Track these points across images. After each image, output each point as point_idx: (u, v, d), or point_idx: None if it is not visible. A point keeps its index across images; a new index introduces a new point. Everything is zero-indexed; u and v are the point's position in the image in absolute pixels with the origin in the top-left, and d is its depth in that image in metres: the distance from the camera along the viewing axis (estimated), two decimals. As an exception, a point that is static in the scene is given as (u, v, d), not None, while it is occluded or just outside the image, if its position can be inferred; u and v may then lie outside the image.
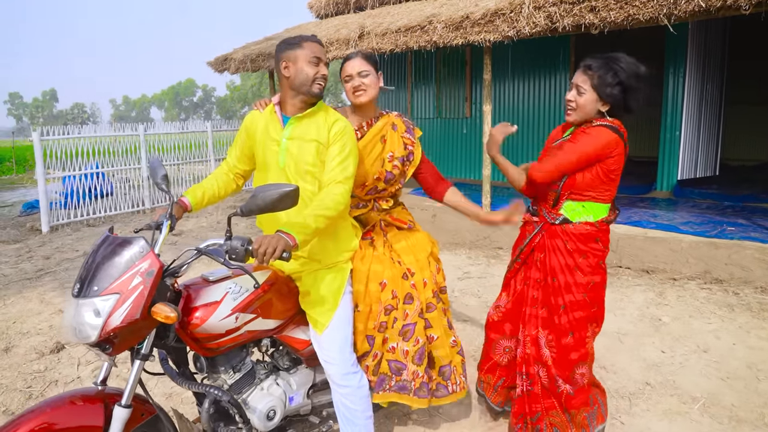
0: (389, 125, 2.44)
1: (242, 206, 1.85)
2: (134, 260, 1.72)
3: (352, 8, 9.89)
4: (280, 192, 1.80)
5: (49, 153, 8.12)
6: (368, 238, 2.46)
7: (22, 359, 3.71)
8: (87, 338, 1.67)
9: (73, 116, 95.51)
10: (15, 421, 1.64)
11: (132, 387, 1.80)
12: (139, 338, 1.79)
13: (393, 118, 2.48)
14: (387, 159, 2.40)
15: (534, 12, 5.72)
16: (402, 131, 2.47)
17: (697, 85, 7.43)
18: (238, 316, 2.00)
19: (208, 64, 9.87)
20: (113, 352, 1.72)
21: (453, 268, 5.43)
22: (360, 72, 2.33)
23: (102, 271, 1.71)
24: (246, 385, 2.18)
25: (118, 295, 1.67)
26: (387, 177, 2.40)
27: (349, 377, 2.20)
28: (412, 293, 2.35)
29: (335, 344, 2.19)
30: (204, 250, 1.90)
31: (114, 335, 1.67)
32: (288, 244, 1.83)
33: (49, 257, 6.52)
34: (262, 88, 72.44)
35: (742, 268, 4.87)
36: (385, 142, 2.42)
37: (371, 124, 2.43)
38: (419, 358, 2.32)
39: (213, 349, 2.02)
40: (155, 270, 1.72)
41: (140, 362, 1.82)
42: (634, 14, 5.14)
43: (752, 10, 4.50)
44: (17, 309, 4.72)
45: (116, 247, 1.76)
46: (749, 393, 3.00)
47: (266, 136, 2.21)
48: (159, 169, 2.14)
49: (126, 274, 1.70)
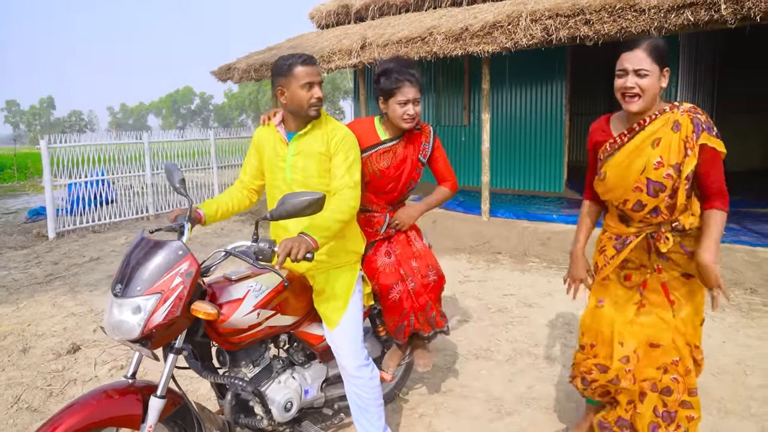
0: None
1: (272, 211, 2.01)
2: (175, 261, 1.86)
3: (352, 19, 10.09)
4: (309, 199, 1.96)
5: (56, 161, 8.26)
6: None
7: (40, 359, 3.85)
8: (130, 335, 1.80)
9: (71, 124, 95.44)
10: (64, 411, 1.78)
11: (167, 379, 1.94)
12: (176, 334, 1.93)
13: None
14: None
15: (531, 24, 5.93)
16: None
17: (688, 94, 7.64)
18: (259, 312, 2.15)
19: (212, 74, 10.05)
20: (153, 347, 1.86)
21: (454, 272, 5.59)
22: (637, 71, 2.00)
23: (142, 272, 1.84)
24: (264, 379, 2.33)
25: (160, 294, 1.81)
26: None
27: (361, 369, 2.35)
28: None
29: (347, 339, 2.34)
30: (233, 251, 2.06)
31: (155, 331, 1.81)
32: (310, 246, 1.99)
33: (57, 263, 6.65)
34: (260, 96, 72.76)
35: (733, 270, 5.05)
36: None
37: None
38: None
39: (236, 344, 2.17)
40: (194, 271, 1.87)
41: (174, 356, 1.97)
42: (626, 27, 5.35)
43: (738, 24, 4.72)
44: (30, 312, 4.85)
45: (153, 248, 1.90)
46: (737, 386, 3.17)
47: (274, 155, 2.35)
48: (176, 173, 2.26)
49: (168, 274, 1.84)
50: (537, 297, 4.87)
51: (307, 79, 2.23)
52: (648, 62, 1.98)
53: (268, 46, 10.35)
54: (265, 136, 2.42)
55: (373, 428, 2.40)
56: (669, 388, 2.14)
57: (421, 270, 2.66)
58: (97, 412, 1.80)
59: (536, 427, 2.82)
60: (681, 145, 2.00)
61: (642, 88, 1.99)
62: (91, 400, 1.83)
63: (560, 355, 3.68)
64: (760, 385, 3.19)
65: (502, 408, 3.03)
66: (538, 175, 9.04)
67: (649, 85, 1.99)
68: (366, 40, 7.70)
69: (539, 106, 9.03)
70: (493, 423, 2.90)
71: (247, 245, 2.05)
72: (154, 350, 1.89)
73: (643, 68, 1.97)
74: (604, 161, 2.19)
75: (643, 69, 1.97)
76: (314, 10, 10.87)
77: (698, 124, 2.00)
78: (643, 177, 2.05)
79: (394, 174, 2.58)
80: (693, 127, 1.99)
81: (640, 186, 2.06)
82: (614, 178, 2.14)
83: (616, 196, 2.17)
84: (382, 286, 2.58)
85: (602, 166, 2.20)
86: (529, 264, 5.97)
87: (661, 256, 2.14)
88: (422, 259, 2.68)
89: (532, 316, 4.41)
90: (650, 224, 2.14)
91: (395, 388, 3.08)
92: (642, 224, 2.15)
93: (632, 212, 2.14)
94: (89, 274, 6.12)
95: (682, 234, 2.11)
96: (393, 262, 2.63)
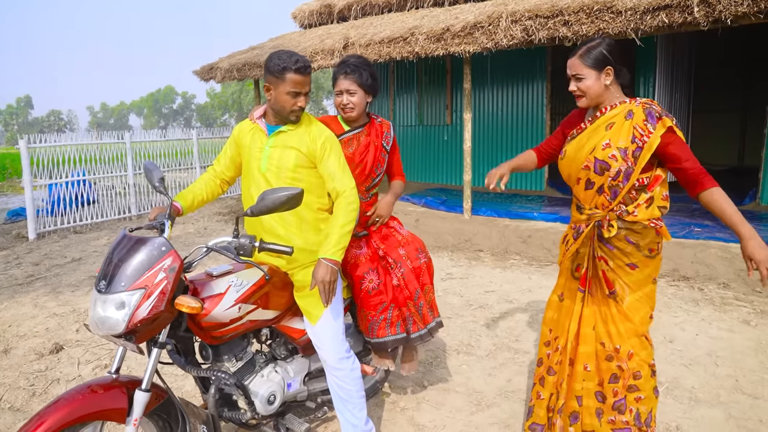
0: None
1: (252, 208, 2.05)
2: (158, 257, 1.90)
3: (335, 19, 10.13)
4: (287, 195, 2.01)
5: (36, 161, 8.16)
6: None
7: (22, 360, 3.83)
8: (114, 330, 1.83)
9: (49, 123, 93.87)
10: (50, 406, 1.80)
11: (151, 373, 1.97)
12: (160, 328, 1.97)
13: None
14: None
15: (511, 25, 6.02)
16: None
17: (666, 94, 7.81)
18: (240, 306, 2.19)
19: (194, 73, 10.00)
20: (137, 341, 1.90)
21: (436, 269, 5.64)
22: (574, 75, 2.27)
23: (125, 268, 1.88)
24: (247, 373, 2.38)
25: (144, 289, 1.84)
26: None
27: (343, 362, 2.41)
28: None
29: (329, 333, 2.39)
30: (214, 247, 2.10)
31: (140, 326, 1.85)
32: (335, 271, 2.18)
33: (38, 264, 6.59)
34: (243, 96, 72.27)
35: (707, 265, 5.20)
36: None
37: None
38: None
39: (218, 338, 2.21)
40: (177, 266, 1.91)
41: (158, 350, 2.00)
42: (603, 28, 5.47)
43: (710, 26, 4.86)
44: (11, 313, 4.81)
45: (135, 245, 1.93)
46: (708, 377, 3.28)
47: (252, 146, 2.40)
48: (155, 171, 2.31)
49: (151, 270, 1.87)
50: (518, 293, 4.97)
51: (295, 89, 2.25)
52: (582, 67, 2.21)
53: (251, 46, 10.33)
54: (246, 129, 2.46)
55: (355, 419, 2.46)
56: (616, 375, 2.26)
57: (410, 255, 2.73)
58: (83, 407, 1.82)
59: (516, 419, 2.90)
60: (630, 131, 2.15)
61: (581, 90, 2.24)
62: (77, 395, 1.85)
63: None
64: (728, 375, 3.31)
65: (482, 401, 3.10)
66: (520, 173, 9.16)
67: (588, 86, 2.21)
68: (349, 40, 7.75)
69: (520, 105, 9.15)
70: (474, 415, 2.97)
71: (228, 241, 2.09)
72: (138, 345, 1.92)
73: (578, 73, 2.23)
74: (567, 143, 2.36)
75: (578, 74, 2.23)
76: (297, 9, 10.88)
77: (651, 112, 2.13)
78: (591, 156, 2.21)
79: (359, 159, 2.69)
80: (645, 116, 2.13)
81: (588, 164, 2.23)
82: (571, 155, 2.31)
83: (572, 174, 2.33)
84: (354, 277, 2.65)
85: (564, 146, 2.38)
86: (510, 261, 6.07)
87: (607, 244, 2.24)
88: (410, 244, 2.77)
89: (513, 312, 4.50)
90: (598, 212, 2.26)
91: (378, 382, 3.13)
92: (591, 212, 2.28)
93: (584, 192, 2.29)
94: (71, 274, 6.08)
95: (628, 226, 2.21)
96: (365, 253, 2.70)
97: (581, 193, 2.31)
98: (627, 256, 2.23)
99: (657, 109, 2.16)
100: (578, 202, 2.35)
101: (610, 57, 2.19)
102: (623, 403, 2.26)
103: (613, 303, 2.26)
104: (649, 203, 2.21)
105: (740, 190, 7.86)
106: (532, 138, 8.95)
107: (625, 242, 2.22)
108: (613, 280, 2.25)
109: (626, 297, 2.25)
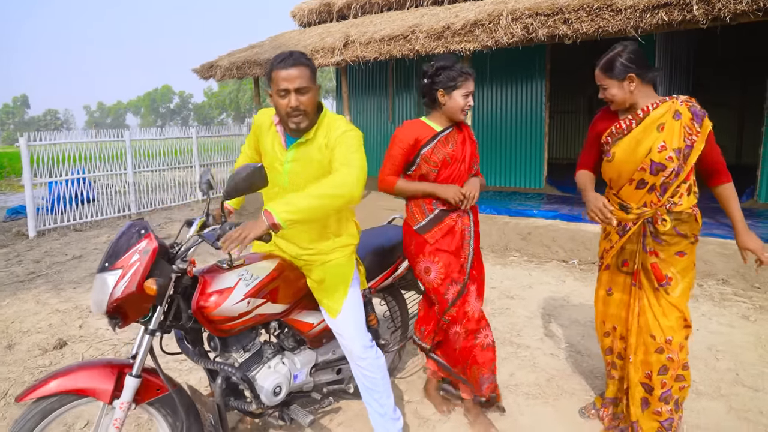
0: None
1: (223, 191, 2.06)
2: (136, 240, 1.96)
3: (334, 17, 10.14)
4: (248, 173, 2.01)
5: (36, 159, 8.16)
6: None
7: (26, 355, 3.84)
8: (100, 309, 1.92)
9: (46, 123, 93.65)
10: (47, 377, 1.94)
11: (141, 359, 2.02)
12: (141, 311, 2.01)
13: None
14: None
15: (511, 23, 6.05)
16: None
17: (665, 92, 7.86)
18: (249, 300, 2.21)
19: (194, 71, 10.00)
20: (122, 324, 1.96)
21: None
22: (600, 85, 2.41)
23: (114, 249, 1.96)
24: (254, 364, 2.40)
25: (120, 270, 1.91)
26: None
27: (367, 350, 2.41)
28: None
29: (350, 324, 2.39)
30: (202, 234, 2.11)
31: (118, 306, 1.91)
32: (263, 225, 1.91)
33: (39, 261, 6.60)
34: (240, 95, 72.20)
35: (705, 262, 5.23)
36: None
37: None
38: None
39: (226, 331, 2.23)
40: (151, 249, 1.95)
41: (149, 337, 2.05)
42: (603, 26, 5.50)
43: (709, 24, 4.90)
44: (14, 310, 4.82)
45: (131, 230, 2.00)
46: (708, 370, 3.32)
47: (272, 154, 2.30)
48: (205, 175, 2.27)
49: (128, 251, 1.94)
50: (518, 289, 5.00)
51: (283, 85, 2.07)
52: (604, 78, 2.35)
53: (250, 44, 10.34)
54: (265, 126, 2.33)
55: (382, 407, 2.46)
56: (665, 366, 2.33)
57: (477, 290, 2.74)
58: (73, 381, 1.92)
59: (518, 412, 2.93)
60: (681, 132, 2.25)
61: (608, 97, 2.37)
62: (70, 370, 1.95)
63: (540, 344, 3.80)
64: (728, 368, 3.34)
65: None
66: (519, 171, 9.19)
67: (614, 95, 2.34)
68: (349, 38, 7.76)
69: (520, 103, 9.17)
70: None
71: (216, 228, 2.10)
72: (123, 327, 1.98)
73: (602, 84, 2.38)
74: (613, 143, 2.41)
75: (602, 84, 2.38)
76: (296, 8, 10.89)
77: (696, 111, 2.26)
78: (647, 159, 2.28)
79: (460, 155, 2.65)
80: (691, 115, 2.26)
81: (644, 167, 2.30)
82: (623, 157, 2.36)
83: (622, 174, 2.38)
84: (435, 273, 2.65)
85: (611, 147, 2.42)
86: (510, 258, 6.10)
87: (656, 238, 2.33)
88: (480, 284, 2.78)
89: (514, 308, 4.53)
90: (647, 210, 2.33)
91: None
92: (640, 211, 2.35)
93: (634, 192, 2.35)
94: (72, 271, 6.08)
95: (676, 217, 2.31)
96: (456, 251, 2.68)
97: (630, 192, 2.38)
98: (676, 245, 2.33)
99: (698, 108, 2.27)
100: (622, 201, 2.41)
101: (631, 65, 2.27)
102: (669, 394, 2.36)
103: (662, 295, 2.35)
104: (688, 191, 2.33)
105: (738, 187, 7.89)
106: (530, 136, 8.98)
107: (673, 233, 2.31)
108: (664, 271, 2.34)
109: (678, 285, 2.34)
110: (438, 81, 2.58)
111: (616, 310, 2.55)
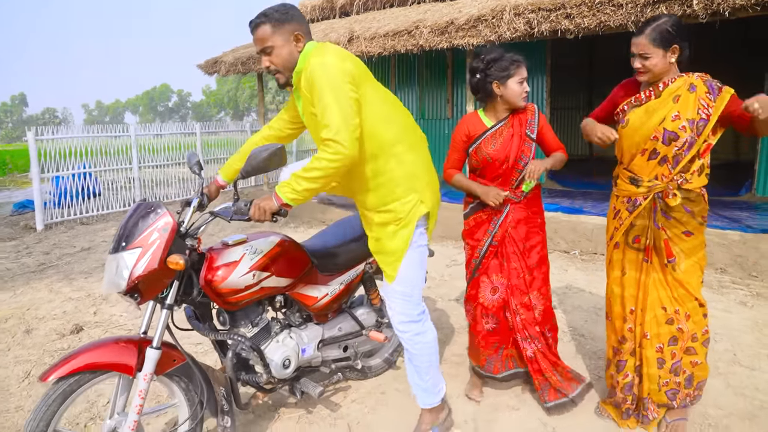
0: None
1: (241, 170, 2.15)
2: (153, 219, 2.06)
3: (337, 13, 10.23)
4: (268, 153, 2.10)
5: (43, 153, 8.25)
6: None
7: (44, 339, 3.95)
8: (119, 287, 2.00)
9: (44, 121, 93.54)
10: (73, 353, 2.02)
11: (161, 332, 2.13)
12: (160, 287, 2.12)
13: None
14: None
15: (514, 18, 6.16)
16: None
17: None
18: (255, 273, 2.33)
19: (198, 67, 10.09)
20: (141, 300, 2.06)
21: (442, 257, 5.82)
22: (641, 54, 2.32)
23: (129, 230, 2.05)
24: (263, 338, 2.51)
25: (140, 248, 2.00)
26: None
27: (406, 325, 2.40)
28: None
29: (398, 296, 2.38)
30: (216, 212, 2.24)
31: (139, 284, 2.00)
32: (272, 205, 2.06)
33: (48, 253, 6.70)
34: (239, 93, 72.15)
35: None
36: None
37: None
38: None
39: (234, 303, 2.33)
40: (170, 226, 2.07)
41: (167, 311, 2.16)
42: (605, 21, 5.60)
43: (708, 18, 5.00)
44: (28, 298, 4.93)
45: (142, 210, 2.10)
46: (707, 351, 3.43)
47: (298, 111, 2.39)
48: (192, 157, 2.49)
49: (146, 230, 2.04)
50: (522, 278, 5.11)
51: (257, 47, 2.21)
52: (649, 47, 2.29)
53: (254, 40, 10.40)
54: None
55: (422, 382, 2.48)
56: (675, 337, 2.42)
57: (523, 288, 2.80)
58: (98, 356, 2.01)
59: (521, 402, 3.03)
60: (696, 103, 2.28)
61: (646, 68, 2.32)
62: (94, 347, 2.05)
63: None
64: (726, 349, 3.47)
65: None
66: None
67: (654, 64, 2.31)
68: (353, 33, 7.86)
69: (521, 99, 9.26)
70: (482, 399, 3.08)
71: (229, 205, 2.22)
72: (142, 303, 2.08)
73: (645, 52, 2.30)
74: (629, 111, 2.44)
75: (645, 53, 2.30)
76: (299, 5, 10.98)
77: (711, 85, 2.29)
78: (660, 127, 2.32)
79: (502, 155, 2.66)
80: (707, 89, 2.28)
81: (657, 135, 2.33)
82: (636, 123, 2.40)
83: (635, 141, 2.41)
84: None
85: (626, 114, 2.46)
86: (513, 249, 6.21)
87: (665, 215, 2.38)
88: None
89: (518, 295, 4.64)
90: (658, 183, 2.38)
91: (393, 354, 3.25)
92: (651, 184, 2.39)
93: (645, 163, 2.39)
94: (82, 262, 6.19)
95: (685, 195, 2.35)
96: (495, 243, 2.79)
97: (642, 164, 2.40)
98: (683, 224, 2.37)
99: (714, 81, 2.30)
100: (633, 174, 2.44)
101: (677, 35, 2.27)
102: (679, 365, 2.43)
103: (669, 270, 2.41)
104: (700, 171, 2.37)
105: (736, 182, 8.03)
106: (532, 131, 9.09)
107: (682, 211, 2.36)
108: (671, 248, 2.39)
109: (682, 263, 2.40)
110: (490, 74, 2.61)
111: (633, 290, 2.52)
